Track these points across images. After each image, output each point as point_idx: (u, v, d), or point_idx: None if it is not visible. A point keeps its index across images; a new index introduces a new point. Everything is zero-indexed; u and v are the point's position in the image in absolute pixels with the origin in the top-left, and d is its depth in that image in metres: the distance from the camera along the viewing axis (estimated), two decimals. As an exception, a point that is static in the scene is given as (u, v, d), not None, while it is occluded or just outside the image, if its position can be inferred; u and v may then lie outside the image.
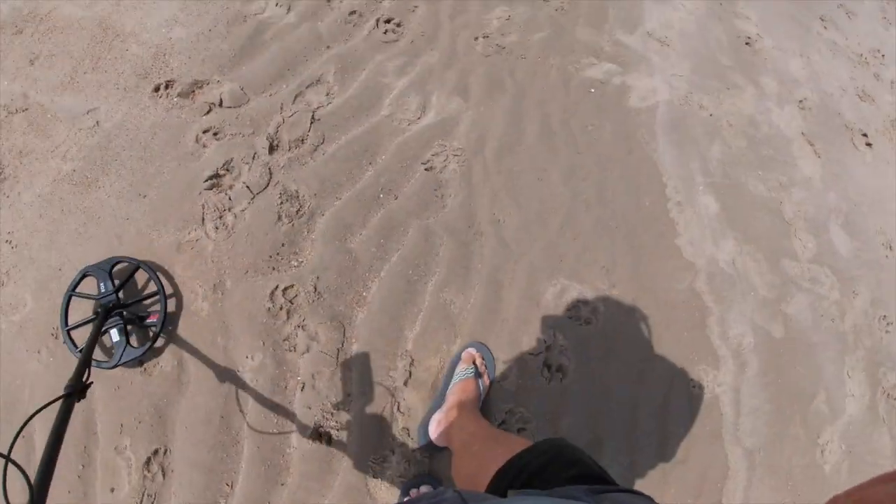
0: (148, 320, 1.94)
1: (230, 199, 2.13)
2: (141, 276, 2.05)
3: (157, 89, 2.39)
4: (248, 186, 2.16)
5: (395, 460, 1.85)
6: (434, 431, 1.77)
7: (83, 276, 2.00)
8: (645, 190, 2.36)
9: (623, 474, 1.96)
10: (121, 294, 1.93)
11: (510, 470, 1.09)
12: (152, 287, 2.00)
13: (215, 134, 2.27)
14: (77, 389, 1.27)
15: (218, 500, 1.80)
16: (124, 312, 1.91)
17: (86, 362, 1.39)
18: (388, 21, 2.61)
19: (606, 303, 2.13)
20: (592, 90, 2.55)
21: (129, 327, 1.92)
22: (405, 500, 1.76)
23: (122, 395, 1.90)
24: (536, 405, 1.96)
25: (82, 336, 1.94)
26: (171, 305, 2.00)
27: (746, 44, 3.08)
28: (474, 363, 1.88)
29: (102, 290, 1.93)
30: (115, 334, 1.89)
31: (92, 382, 1.41)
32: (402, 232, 2.11)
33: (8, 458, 0.89)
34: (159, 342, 1.95)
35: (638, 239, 2.26)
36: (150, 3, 2.63)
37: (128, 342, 1.88)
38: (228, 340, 1.96)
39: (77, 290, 1.99)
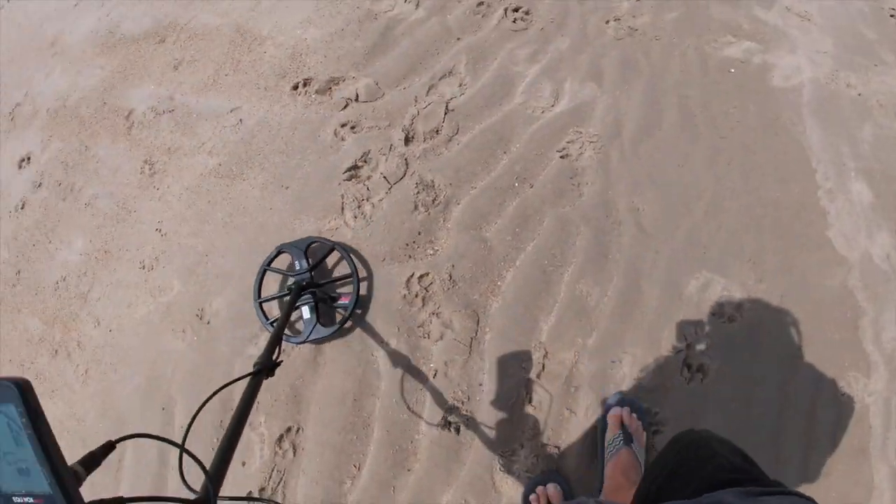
0: (339, 301, 1.66)
1: (368, 189, 1.80)
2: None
3: (295, 87, 2.12)
4: (385, 177, 1.82)
5: (523, 454, 1.49)
6: None
7: (278, 252, 1.76)
8: (793, 176, 1.80)
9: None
10: (313, 274, 1.67)
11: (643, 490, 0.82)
12: (344, 269, 1.72)
13: (353, 127, 1.95)
14: (266, 367, 1.04)
15: (344, 481, 1.53)
16: (316, 291, 1.64)
17: (277, 339, 1.15)
18: (516, 10, 2.15)
19: (752, 299, 1.63)
20: (732, 70, 1.98)
21: (319, 306, 1.65)
22: (531, 496, 1.41)
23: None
24: (674, 406, 1.53)
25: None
26: (363, 289, 1.71)
27: (892, 16, 2.34)
28: (622, 425, 1.42)
29: (297, 268, 1.68)
30: (305, 312, 1.63)
31: (282, 361, 1.18)
32: (538, 221, 1.69)
33: (182, 448, 0.72)
34: (348, 324, 1.67)
35: (786, 229, 1.72)
36: (283, 8, 2.34)
37: (318, 321, 1.62)
38: (364, 325, 1.63)
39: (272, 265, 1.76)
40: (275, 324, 1.64)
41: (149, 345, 1.78)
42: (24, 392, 0.49)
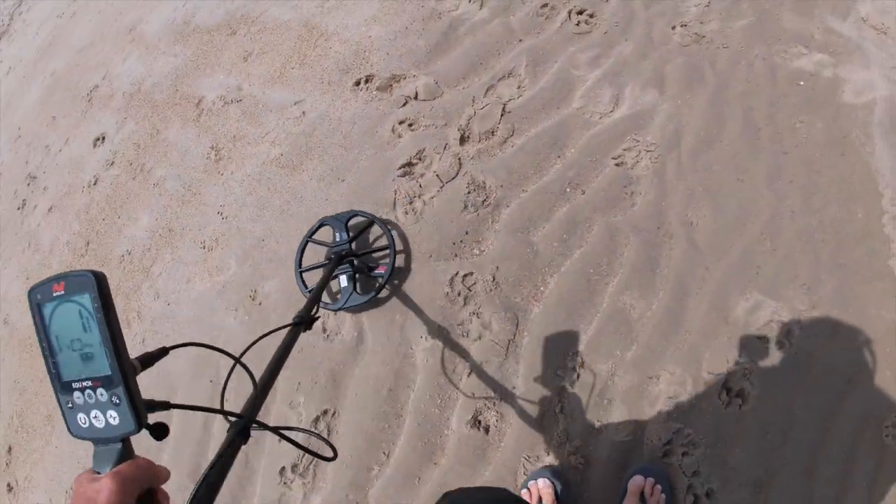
0: (376, 271, 1.76)
1: (420, 186, 1.86)
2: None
3: (357, 83, 2.20)
4: (438, 175, 1.87)
5: (548, 461, 1.52)
6: None
7: (321, 225, 1.87)
8: (858, 199, 1.74)
9: None
10: (353, 245, 1.79)
11: None
12: (383, 242, 1.82)
13: (410, 125, 2.01)
14: (305, 320, 1.17)
15: (372, 467, 1.60)
16: (355, 261, 1.75)
17: (316, 298, 1.29)
18: (580, 12, 2.15)
19: (803, 325, 1.59)
20: (801, 83, 1.92)
21: (357, 276, 1.77)
22: (523, 491, 1.46)
23: (305, 357, 1.76)
24: (708, 429, 1.51)
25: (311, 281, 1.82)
26: (399, 261, 1.80)
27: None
28: (642, 496, 1.39)
29: (337, 240, 1.79)
30: (343, 280, 1.75)
31: (319, 317, 1.34)
32: (587, 228, 1.71)
33: (238, 360, 0.85)
34: (383, 293, 1.77)
35: (846, 255, 1.67)
36: (350, 5, 2.41)
37: (354, 289, 1.73)
38: (406, 318, 1.73)
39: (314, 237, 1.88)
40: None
41: (203, 320, 1.90)
42: (99, 282, 0.55)
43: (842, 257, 1.67)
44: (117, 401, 0.57)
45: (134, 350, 0.54)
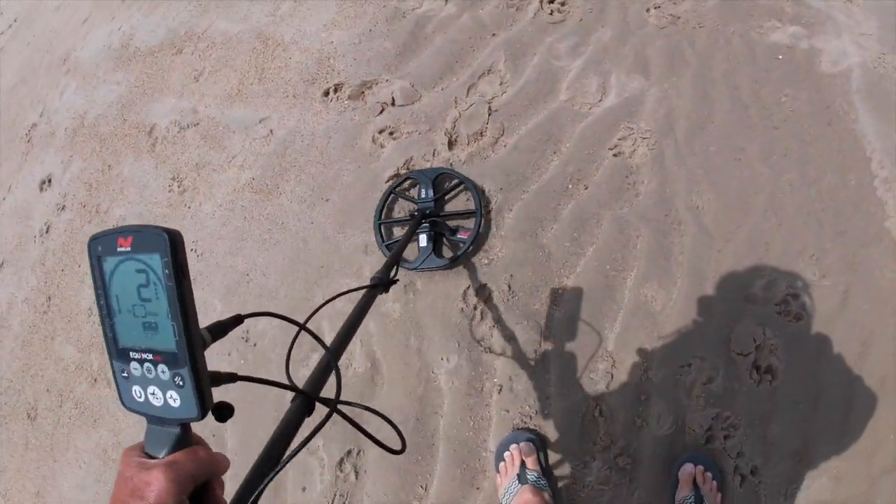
0: (458, 235, 1.70)
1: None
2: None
3: (326, 93, 2.10)
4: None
5: (595, 467, 1.51)
6: None
7: (406, 178, 1.82)
8: (849, 166, 1.81)
9: (830, 487, 1.50)
10: (437, 203, 1.76)
11: None
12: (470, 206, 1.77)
13: (391, 133, 1.94)
14: (383, 282, 1.13)
15: (411, 502, 1.53)
16: (438, 221, 1.70)
17: (396, 259, 1.25)
18: (551, 1, 2.12)
19: (817, 295, 1.64)
20: (780, 57, 1.97)
21: (437, 236, 1.72)
22: (505, 454, 1.45)
23: None
24: (745, 410, 1.54)
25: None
26: (483, 227, 1.74)
27: (932, -8, 2.33)
28: (694, 483, 1.39)
29: (423, 196, 1.74)
30: (423, 239, 1.69)
31: (398, 279, 1.30)
32: (596, 224, 1.70)
33: (303, 326, 0.74)
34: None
35: (845, 223, 1.73)
36: (305, 10, 2.30)
37: (433, 250, 1.68)
38: (423, 342, 1.67)
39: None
40: (391, 247, 1.70)
41: (196, 367, 1.77)
42: (174, 243, 0.48)
43: (841, 225, 1.72)
44: (181, 382, 0.50)
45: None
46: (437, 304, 1.67)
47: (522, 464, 1.41)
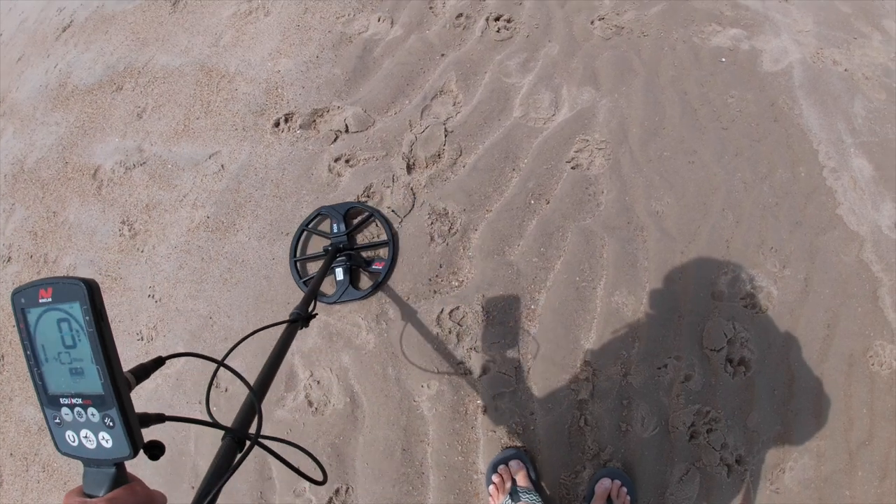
0: (373, 266, 1.80)
1: (377, 224, 1.83)
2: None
3: (277, 124, 2.16)
4: (393, 210, 1.88)
5: (586, 476, 1.59)
6: None
7: (317, 214, 1.91)
8: (798, 159, 1.97)
9: (813, 465, 1.62)
10: (350, 237, 1.85)
11: None
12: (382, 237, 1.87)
13: (348, 161, 2.01)
14: (302, 317, 1.18)
15: None
16: (352, 254, 1.79)
17: (313, 293, 1.30)
18: (497, 18, 2.25)
19: (780, 286, 1.78)
20: (723, 59, 2.13)
21: (354, 269, 1.81)
22: (493, 476, 1.52)
23: (296, 438, 1.70)
24: (724, 403, 1.66)
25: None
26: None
27: (860, -13, 2.55)
28: (609, 499, 1.50)
29: (335, 231, 1.83)
30: (339, 273, 1.78)
31: (317, 314, 1.39)
32: (561, 237, 1.79)
33: (221, 363, 0.82)
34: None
35: (800, 213, 1.88)
36: (248, 40, 2.36)
37: (350, 283, 1.77)
38: (400, 370, 1.72)
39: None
40: (308, 282, 1.78)
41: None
42: (91, 291, 0.54)
43: (796, 216, 1.87)
44: (111, 423, 0.55)
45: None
46: (412, 331, 1.73)
47: (513, 482, 1.48)
